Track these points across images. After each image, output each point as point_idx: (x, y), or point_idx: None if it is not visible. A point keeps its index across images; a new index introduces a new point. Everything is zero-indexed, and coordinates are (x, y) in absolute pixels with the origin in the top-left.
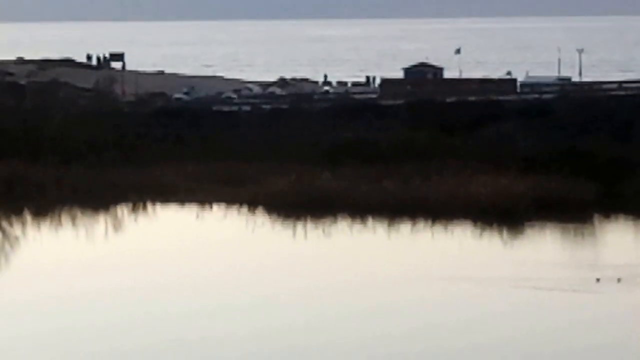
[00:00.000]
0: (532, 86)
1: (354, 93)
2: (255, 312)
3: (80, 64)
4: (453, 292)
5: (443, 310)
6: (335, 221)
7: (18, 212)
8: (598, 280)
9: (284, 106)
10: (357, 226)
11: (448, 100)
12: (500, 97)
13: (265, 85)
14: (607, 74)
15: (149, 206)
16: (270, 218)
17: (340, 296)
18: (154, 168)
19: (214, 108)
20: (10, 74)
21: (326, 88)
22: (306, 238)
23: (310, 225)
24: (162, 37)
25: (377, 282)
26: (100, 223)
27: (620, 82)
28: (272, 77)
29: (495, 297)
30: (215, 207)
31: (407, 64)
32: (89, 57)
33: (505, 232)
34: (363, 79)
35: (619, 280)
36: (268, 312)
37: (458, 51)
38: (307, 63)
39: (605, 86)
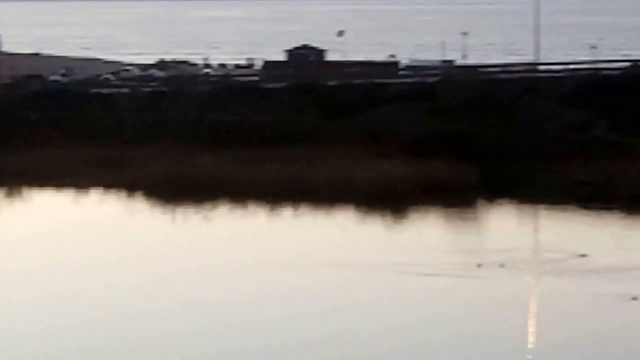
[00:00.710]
0: (416, 69)
1: (236, 75)
2: (124, 299)
3: None
4: (334, 277)
5: (323, 295)
6: (216, 205)
7: None
8: (480, 265)
9: (164, 88)
10: (239, 210)
11: (331, 83)
12: (384, 80)
13: (144, 67)
14: (491, 57)
15: (25, 191)
16: (149, 202)
17: (216, 282)
18: (30, 152)
19: (92, 90)
20: None
21: (207, 70)
22: (186, 222)
23: (190, 209)
24: (38, 18)
25: (256, 268)
26: None
27: (503, 65)
28: (152, 59)
29: (377, 282)
30: (93, 191)
31: (289, 46)
32: None
33: (388, 217)
34: (245, 62)
35: (501, 265)
36: (135, 299)
37: (341, 33)
38: (188, 45)
39: (488, 69)
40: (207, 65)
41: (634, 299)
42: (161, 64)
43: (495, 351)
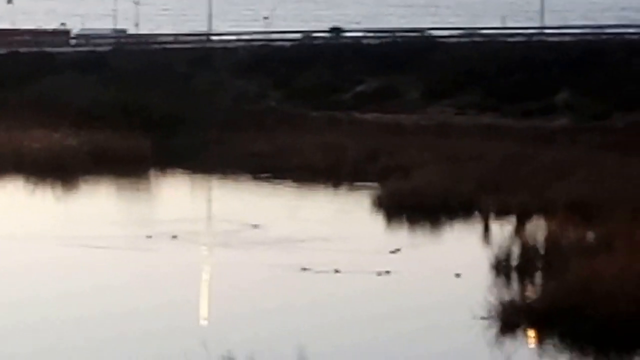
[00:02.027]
0: (87, 38)
1: None
2: None
3: None
4: None
5: None
6: None
7: None
8: (150, 237)
9: None
10: None
11: None
12: (54, 49)
13: None
14: (164, 26)
15: None
16: None
17: None
18: None
19: None
20: None
21: None
22: None
23: None
24: None
25: None
26: None
27: (176, 34)
28: None
29: (43, 254)
30: None
31: None
32: None
33: (58, 189)
34: None
35: (173, 237)
36: None
37: (9, 0)
38: None
39: (161, 38)
40: None
41: (304, 269)
42: None
43: (168, 325)
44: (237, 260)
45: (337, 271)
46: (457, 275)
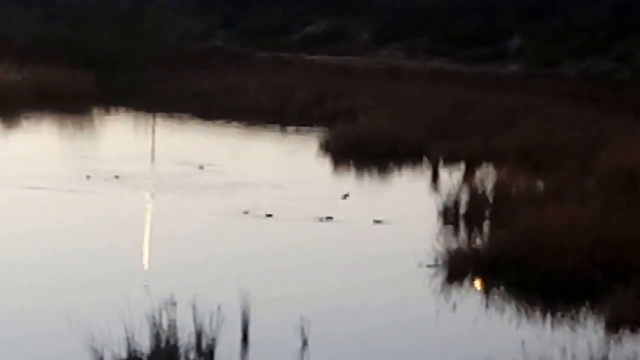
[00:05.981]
0: None
1: None
2: None
3: None
4: None
5: None
6: None
7: None
8: (90, 177)
9: None
10: None
11: None
12: None
13: None
14: None
15: None
16: None
17: None
18: None
19: None
20: None
21: None
22: None
23: None
24: None
25: None
26: None
27: None
28: None
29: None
30: None
31: None
32: None
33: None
34: None
35: (114, 177)
36: None
37: None
38: None
39: None
40: None
41: (246, 212)
42: None
43: (108, 269)
44: (179, 203)
45: (272, 216)
46: (403, 222)
